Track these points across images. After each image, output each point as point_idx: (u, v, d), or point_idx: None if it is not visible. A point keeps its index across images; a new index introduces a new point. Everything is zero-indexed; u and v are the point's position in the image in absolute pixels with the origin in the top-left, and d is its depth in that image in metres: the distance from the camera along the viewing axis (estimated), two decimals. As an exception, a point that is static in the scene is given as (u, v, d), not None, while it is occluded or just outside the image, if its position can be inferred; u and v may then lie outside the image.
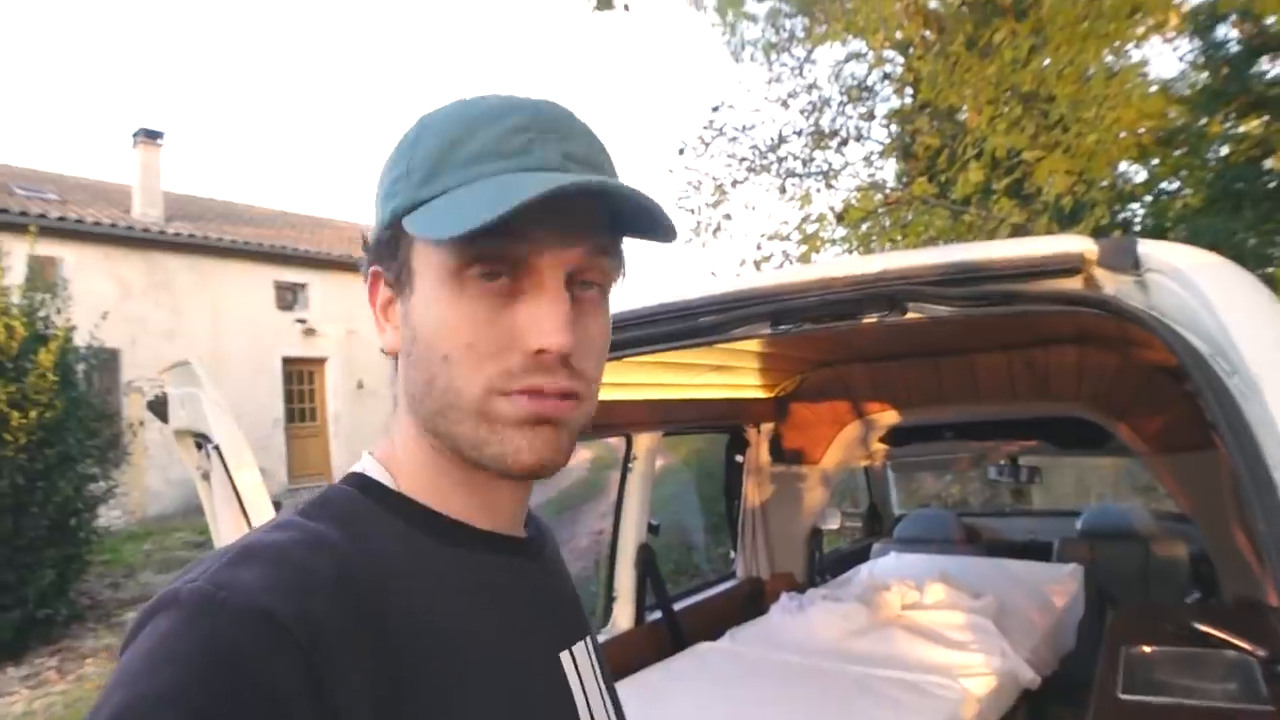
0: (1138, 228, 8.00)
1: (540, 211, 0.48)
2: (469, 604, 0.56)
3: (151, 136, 11.88)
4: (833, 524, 4.27)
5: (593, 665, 0.66)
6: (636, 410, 2.68)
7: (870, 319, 1.42)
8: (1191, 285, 1.11)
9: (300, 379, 12.76)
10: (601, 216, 0.55)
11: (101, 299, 9.06)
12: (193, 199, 13.63)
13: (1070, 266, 1.24)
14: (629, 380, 2.47)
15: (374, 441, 0.64)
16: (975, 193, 5.73)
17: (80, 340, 6.77)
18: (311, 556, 0.49)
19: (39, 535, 5.77)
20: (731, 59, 12.76)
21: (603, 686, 0.67)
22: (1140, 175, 8.14)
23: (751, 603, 3.33)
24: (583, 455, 10.47)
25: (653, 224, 0.55)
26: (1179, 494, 2.71)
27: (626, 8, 5.11)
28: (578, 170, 0.54)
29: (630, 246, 0.59)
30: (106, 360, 8.61)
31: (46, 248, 8.48)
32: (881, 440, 3.74)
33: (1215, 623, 2.12)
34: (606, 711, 0.66)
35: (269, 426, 11.84)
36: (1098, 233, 5.72)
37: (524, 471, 0.55)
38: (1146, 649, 2.20)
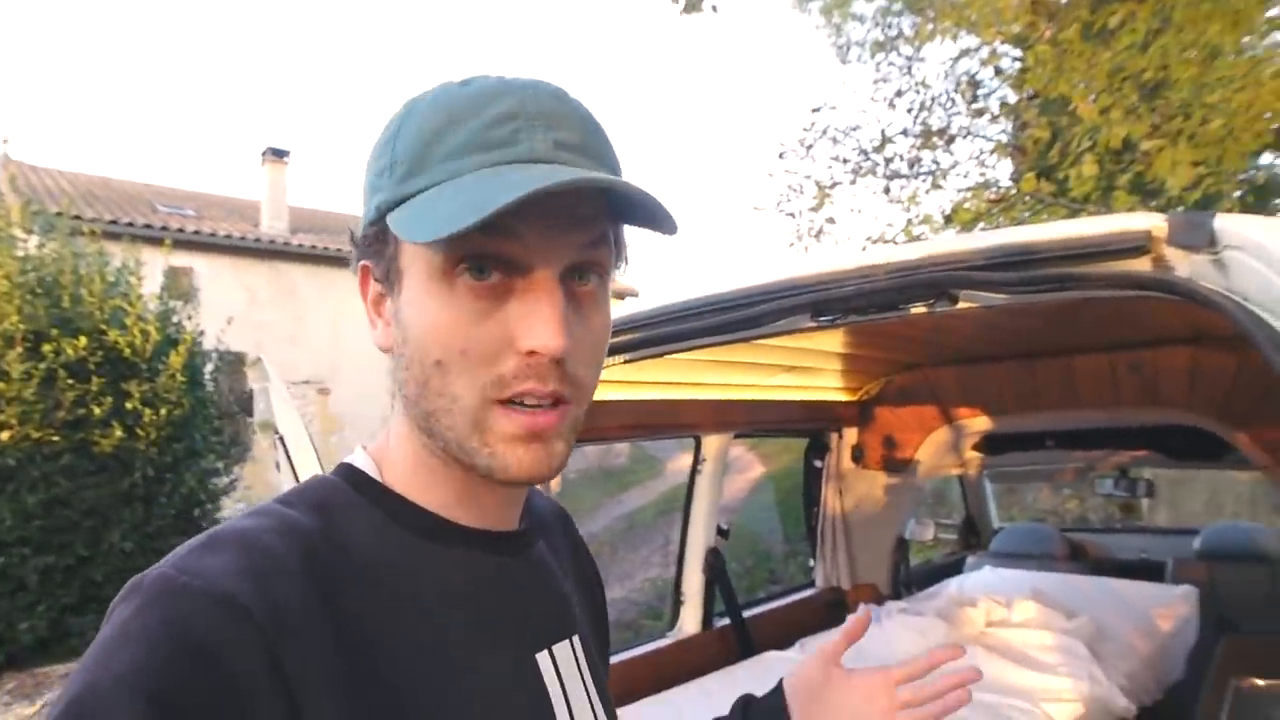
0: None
1: (530, 206, 0.46)
2: (439, 599, 0.55)
3: (278, 155, 12.68)
4: (926, 536, 4.08)
5: (578, 664, 0.64)
6: (705, 411, 2.63)
7: (918, 309, 1.33)
8: (1278, 262, 0.98)
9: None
10: (598, 205, 0.52)
11: (230, 307, 9.72)
12: (316, 212, 14.46)
13: (1136, 245, 1.12)
14: (697, 380, 2.43)
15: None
16: (1093, 189, 5.37)
17: (209, 344, 7.28)
18: (278, 542, 0.49)
19: (166, 524, 6.21)
20: (837, 59, 12.51)
21: (589, 686, 0.64)
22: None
23: (830, 613, 3.21)
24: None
25: (650, 215, 0.52)
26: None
27: (715, 9, 5.08)
28: (570, 159, 0.51)
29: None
30: (233, 363, 9.23)
31: (182, 259, 9.18)
32: (975, 448, 3.53)
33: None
34: (592, 711, 0.64)
35: (380, 426, 12.41)
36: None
37: (513, 483, 0.54)
38: (1260, 682, 1.99)
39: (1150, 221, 1.09)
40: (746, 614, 2.91)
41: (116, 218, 10.03)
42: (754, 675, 2.45)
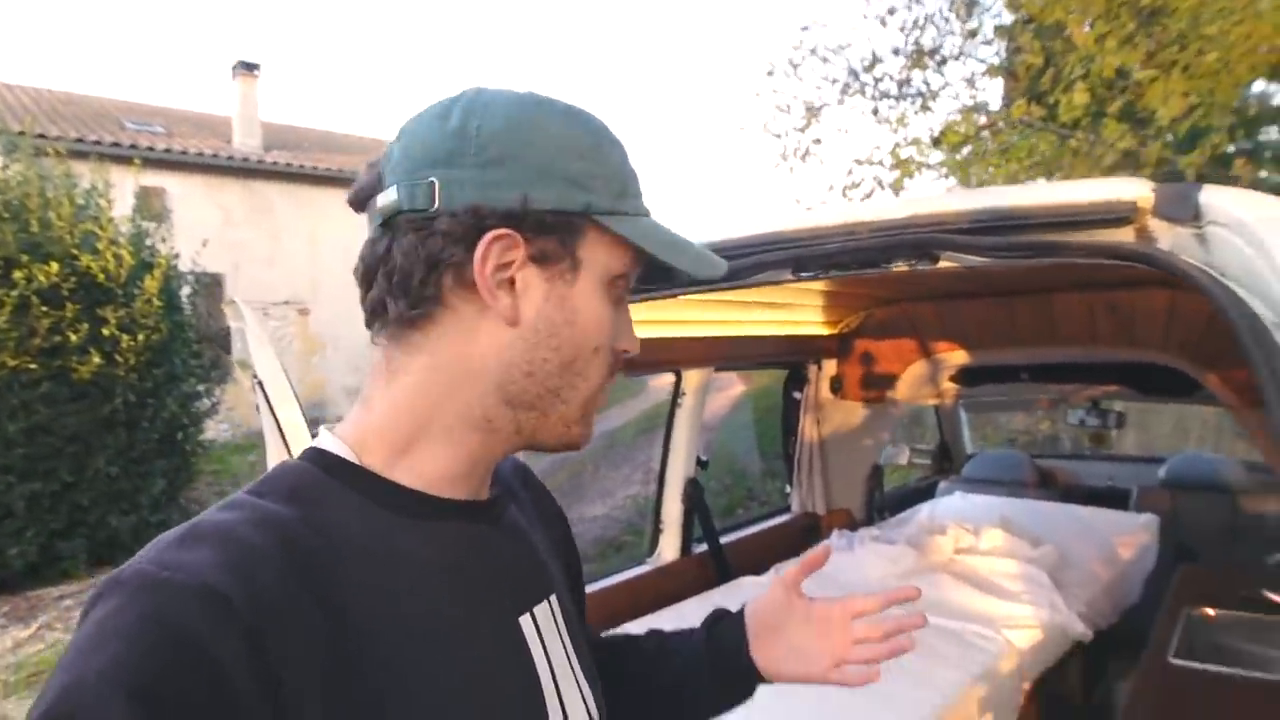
0: (1269, 155, 7.26)
1: None
2: (423, 576, 0.57)
3: (249, 68, 12.21)
4: (900, 460, 4.18)
5: (556, 623, 0.67)
6: (686, 347, 2.65)
7: (900, 267, 1.34)
8: (1259, 242, 0.99)
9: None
10: None
11: (204, 227, 9.51)
12: (290, 128, 14.02)
13: (1121, 215, 1.12)
14: (679, 317, 2.44)
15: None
16: (1083, 116, 5.30)
17: (184, 266, 7.16)
18: (257, 534, 0.50)
19: (150, 448, 6.25)
20: (826, -29, 12.05)
21: (566, 643, 0.67)
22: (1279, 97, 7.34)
23: (805, 538, 3.31)
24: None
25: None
26: (1269, 451, 2.52)
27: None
28: None
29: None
30: (210, 285, 9.11)
31: (153, 178, 8.92)
32: (952, 379, 3.60)
33: (1292, 589, 1.99)
34: (572, 669, 0.67)
35: (363, 347, 12.32)
36: (1218, 161, 5.23)
37: (574, 449, 0.64)
38: (1211, 611, 2.10)
39: (1137, 191, 1.09)
40: (724, 540, 3.00)
41: (83, 135, 9.68)
42: (730, 600, 2.52)
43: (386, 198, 0.57)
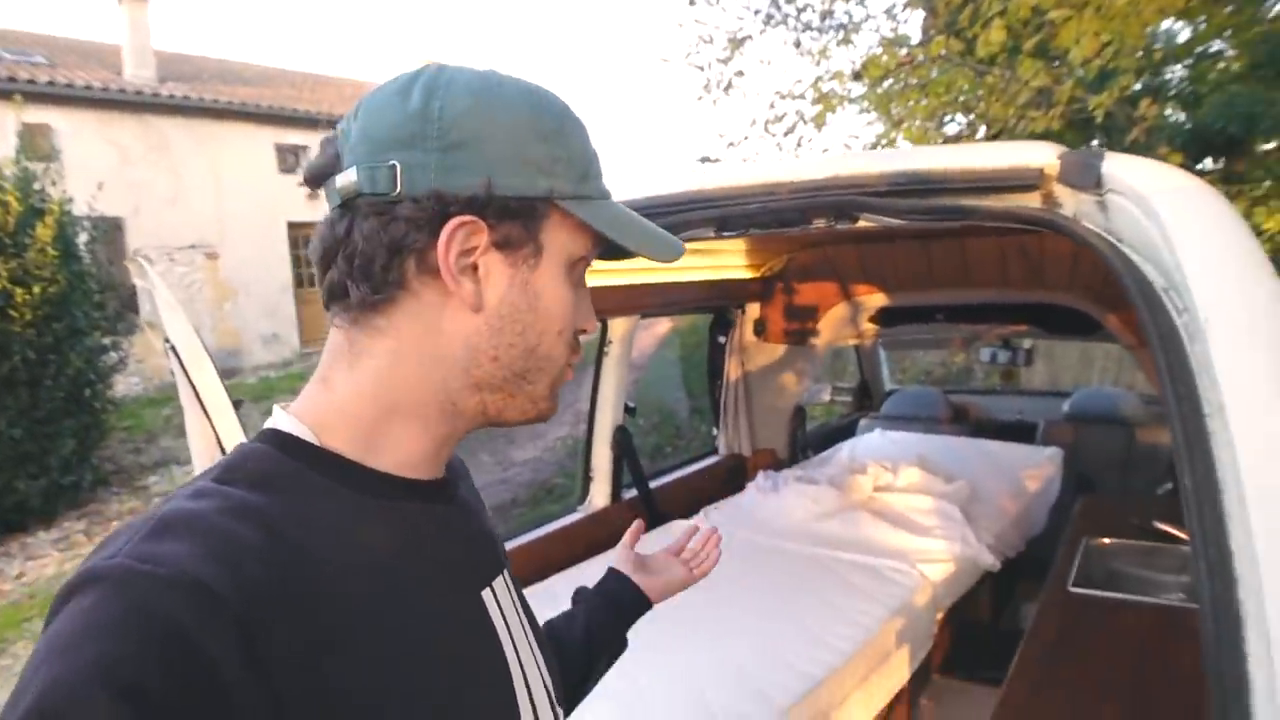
0: (1172, 94, 7.53)
1: None
2: (394, 555, 0.57)
3: (137, -10, 11.31)
4: (822, 398, 4.31)
5: (511, 597, 0.69)
6: (612, 295, 2.63)
7: (819, 224, 1.36)
8: (1153, 212, 1.03)
9: (307, 244, 12.64)
10: None
11: (99, 168, 8.92)
12: (186, 58, 13.14)
13: (1028, 182, 1.16)
14: (603, 266, 2.42)
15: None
16: (1000, 53, 5.38)
17: (80, 211, 6.72)
18: (232, 523, 0.49)
19: (56, 407, 5.96)
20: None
21: (522, 616, 0.70)
22: (1186, 35, 7.57)
23: (732, 479, 3.40)
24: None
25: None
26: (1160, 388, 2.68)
27: None
28: None
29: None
30: (109, 231, 8.58)
31: (37, 114, 8.27)
32: (871, 320, 3.70)
33: (1178, 517, 2.14)
34: (528, 639, 0.69)
35: (277, 293, 11.91)
36: (1126, 100, 5.40)
37: (544, 421, 0.66)
38: (1106, 541, 2.24)
39: (1045, 158, 1.12)
40: (653, 484, 3.05)
41: (-49, 66, 8.89)
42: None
43: (346, 179, 0.56)
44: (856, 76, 7.14)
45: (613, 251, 0.64)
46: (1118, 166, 1.06)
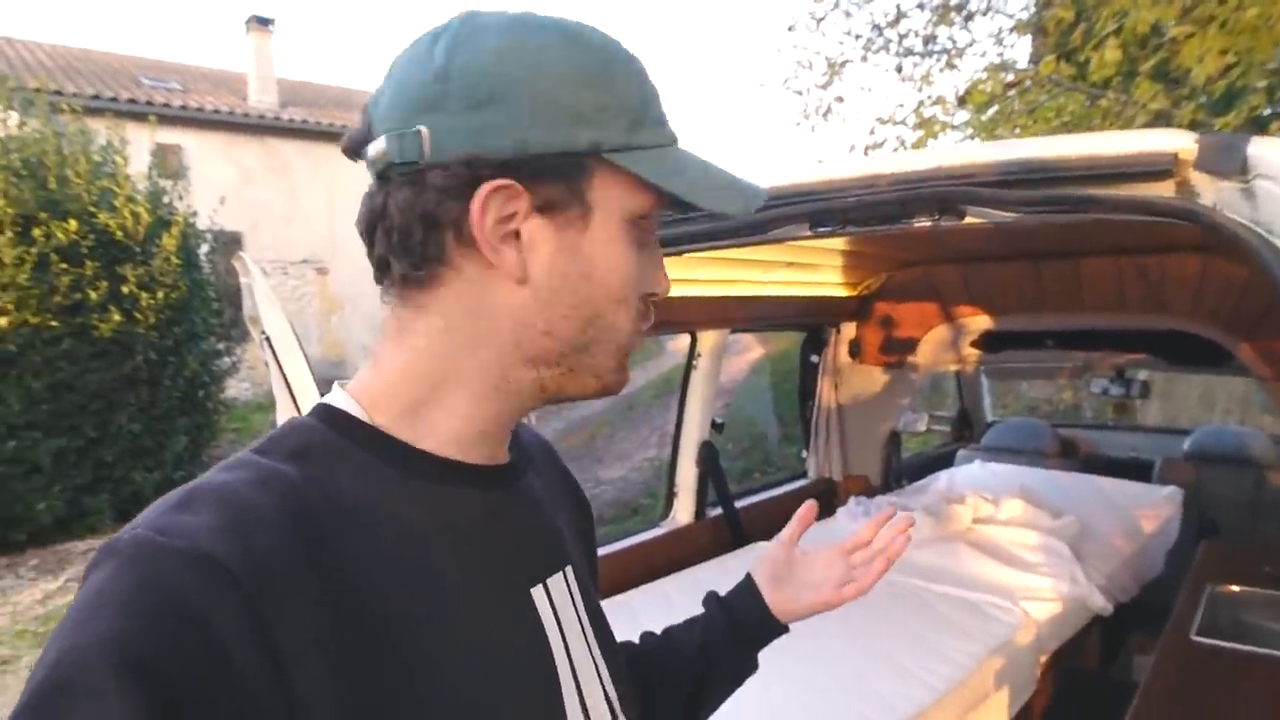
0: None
1: None
2: (434, 540, 0.54)
3: (263, 23, 12.08)
4: (919, 427, 4.12)
5: (571, 596, 0.64)
6: (701, 307, 2.59)
7: (921, 223, 1.28)
8: (1311, 197, 0.92)
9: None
10: None
11: (222, 185, 9.48)
12: (307, 85, 13.92)
13: (1160, 169, 1.05)
14: (693, 277, 2.38)
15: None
16: (1114, 75, 5.12)
17: (202, 224, 7.15)
18: (258, 494, 0.48)
19: (172, 405, 6.31)
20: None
21: (582, 616, 0.65)
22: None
23: (822, 503, 3.27)
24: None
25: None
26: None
27: None
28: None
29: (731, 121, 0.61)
30: (229, 244, 9.10)
31: (169, 135, 8.89)
32: (974, 345, 3.52)
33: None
34: (586, 644, 0.64)
35: (381, 307, 12.37)
36: (1254, 124, 5.04)
37: (615, 394, 0.61)
38: (1234, 588, 2.04)
39: (1178, 142, 1.02)
40: (739, 504, 2.97)
41: (99, 92, 9.64)
42: (745, 565, 2.50)
43: (376, 148, 0.53)
44: (960, 102, 6.94)
45: (680, 204, 0.57)
46: (1267, 149, 0.95)
